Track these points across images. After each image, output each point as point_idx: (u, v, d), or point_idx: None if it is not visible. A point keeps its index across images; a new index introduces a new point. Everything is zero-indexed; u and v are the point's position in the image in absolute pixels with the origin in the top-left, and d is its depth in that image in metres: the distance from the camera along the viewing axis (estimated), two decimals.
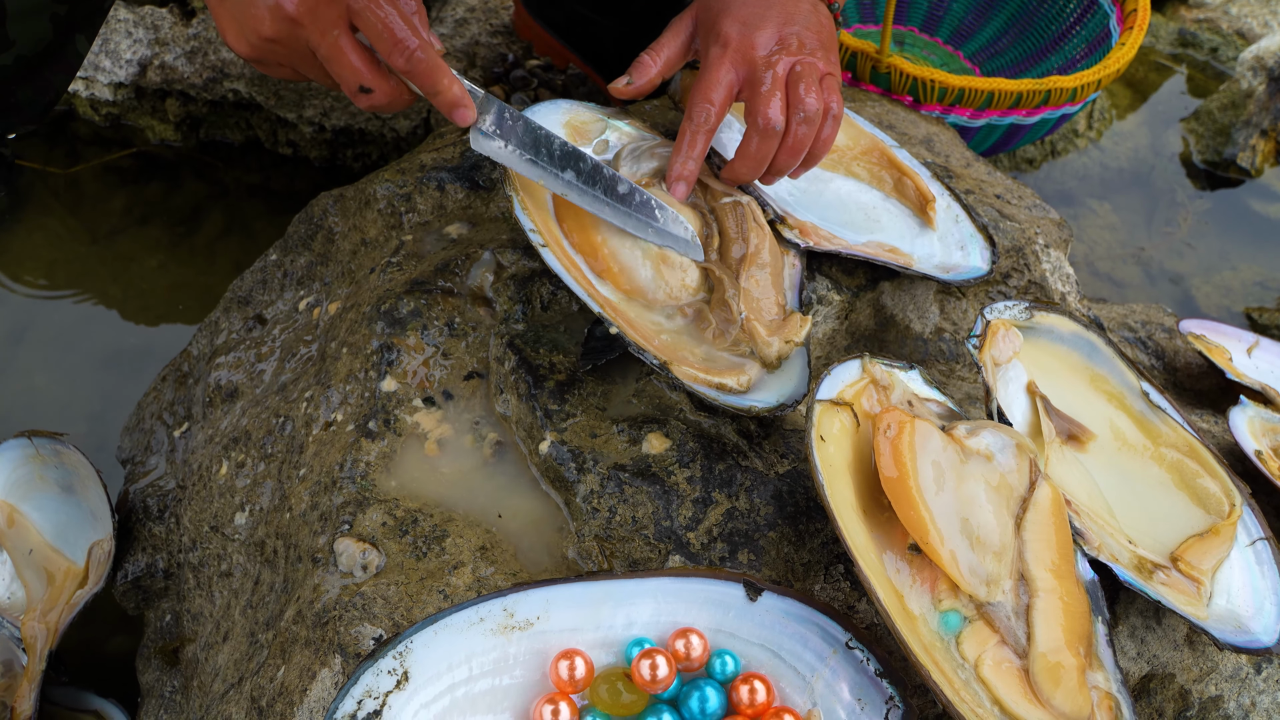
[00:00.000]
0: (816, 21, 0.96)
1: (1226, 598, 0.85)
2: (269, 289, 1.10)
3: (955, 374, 1.01)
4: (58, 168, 1.53)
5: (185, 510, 0.98)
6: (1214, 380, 1.17)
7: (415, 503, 0.84)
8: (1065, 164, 1.76)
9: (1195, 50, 1.96)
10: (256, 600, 0.89)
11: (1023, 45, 1.68)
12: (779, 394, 0.86)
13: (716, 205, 0.95)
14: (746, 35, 0.92)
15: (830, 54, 0.95)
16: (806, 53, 0.93)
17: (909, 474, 0.78)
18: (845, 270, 1.01)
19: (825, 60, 0.94)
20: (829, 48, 0.96)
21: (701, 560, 0.81)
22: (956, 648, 0.75)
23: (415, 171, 1.06)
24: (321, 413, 0.91)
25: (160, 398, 1.11)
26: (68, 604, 1.00)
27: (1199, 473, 0.91)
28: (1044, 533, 0.80)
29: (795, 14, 0.94)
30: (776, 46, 0.92)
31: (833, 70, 0.94)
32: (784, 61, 0.91)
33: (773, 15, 0.94)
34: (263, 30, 0.78)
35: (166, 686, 0.98)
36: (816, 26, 0.95)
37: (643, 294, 0.89)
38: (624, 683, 0.73)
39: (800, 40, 0.93)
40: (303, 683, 0.76)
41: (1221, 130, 1.78)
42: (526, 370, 0.88)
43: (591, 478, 0.83)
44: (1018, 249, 1.08)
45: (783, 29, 0.93)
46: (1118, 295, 1.60)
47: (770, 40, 0.92)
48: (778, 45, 0.92)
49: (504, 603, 0.74)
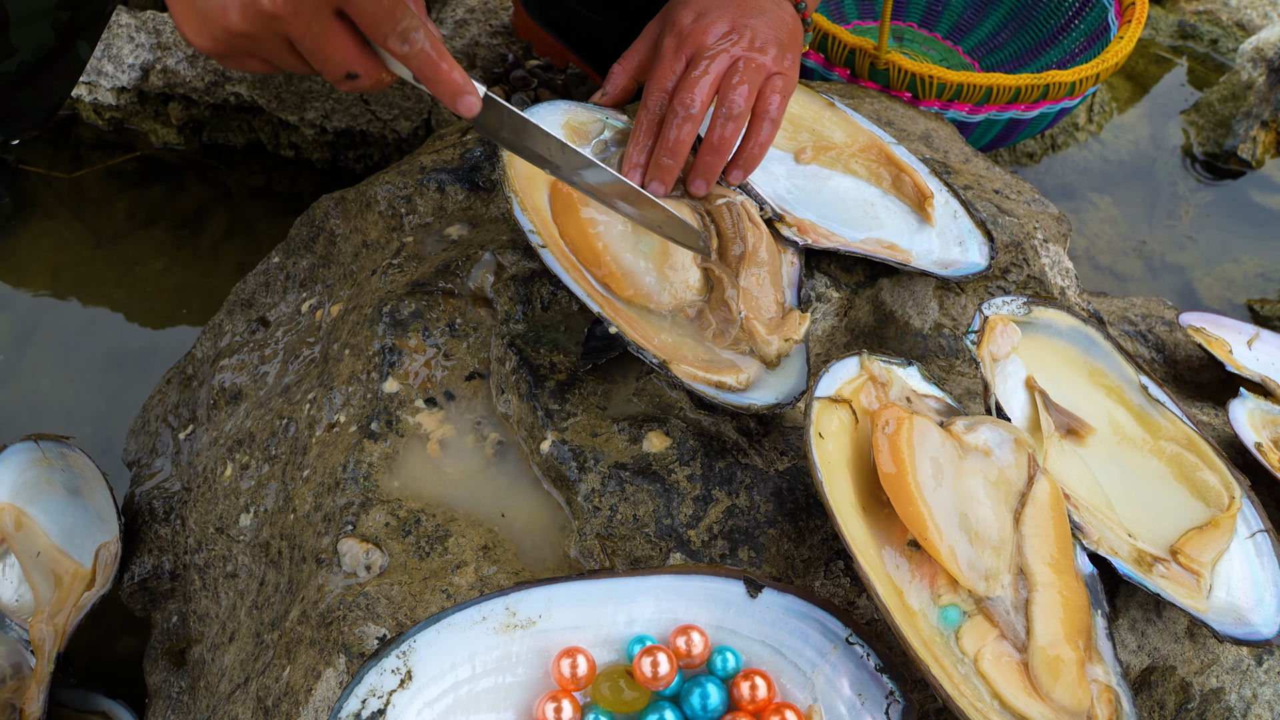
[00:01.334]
0: (777, 18, 0.95)
1: (1226, 590, 0.86)
2: (271, 291, 1.11)
3: (955, 369, 1.01)
4: (62, 172, 1.54)
5: (191, 512, 0.99)
6: (1214, 373, 1.17)
7: (418, 503, 0.85)
8: (1065, 157, 1.76)
9: (1195, 42, 1.96)
10: (262, 601, 0.90)
11: (1021, 39, 1.68)
12: (778, 392, 0.86)
13: (711, 207, 0.95)
14: (699, 24, 0.92)
15: (785, 52, 0.94)
16: (756, 47, 0.92)
17: (907, 470, 0.78)
18: (844, 267, 1.02)
19: (776, 58, 0.93)
20: (785, 45, 0.94)
21: (702, 557, 0.82)
22: (956, 642, 0.76)
23: (415, 173, 1.06)
24: (324, 414, 0.92)
25: (165, 400, 1.12)
26: (75, 606, 1.01)
27: (1198, 465, 0.91)
28: (1043, 527, 0.80)
29: (753, 7, 0.94)
30: (726, 35, 0.92)
31: (783, 70, 0.93)
32: (726, 53, 0.91)
33: (730, 7, 0.93)
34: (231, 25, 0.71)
35: (174, 687, 0.98)
36: (775, 23, 0.94)
37: (643, 294, 0.90)
38: (626, 680, 0.73)
39: (754, 33, 0.92)
40: (308, 682, 0.77)
41: (1222, 122, 1.78)
42: (527, 370, 0.89)
43: (593, 476, 0.84)
44: (1017, 244, 1.08)
45: (737, 20, 0.93)
46: (1119, 288, 1.60)
47: (721, 29, 0.92)
48: (727, 34, 0.92)
49: (506, 601, 0.75)
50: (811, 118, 1.10)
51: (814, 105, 1.11)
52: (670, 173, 0.92)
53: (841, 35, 1.36)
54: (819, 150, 1.07)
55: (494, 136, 0.83)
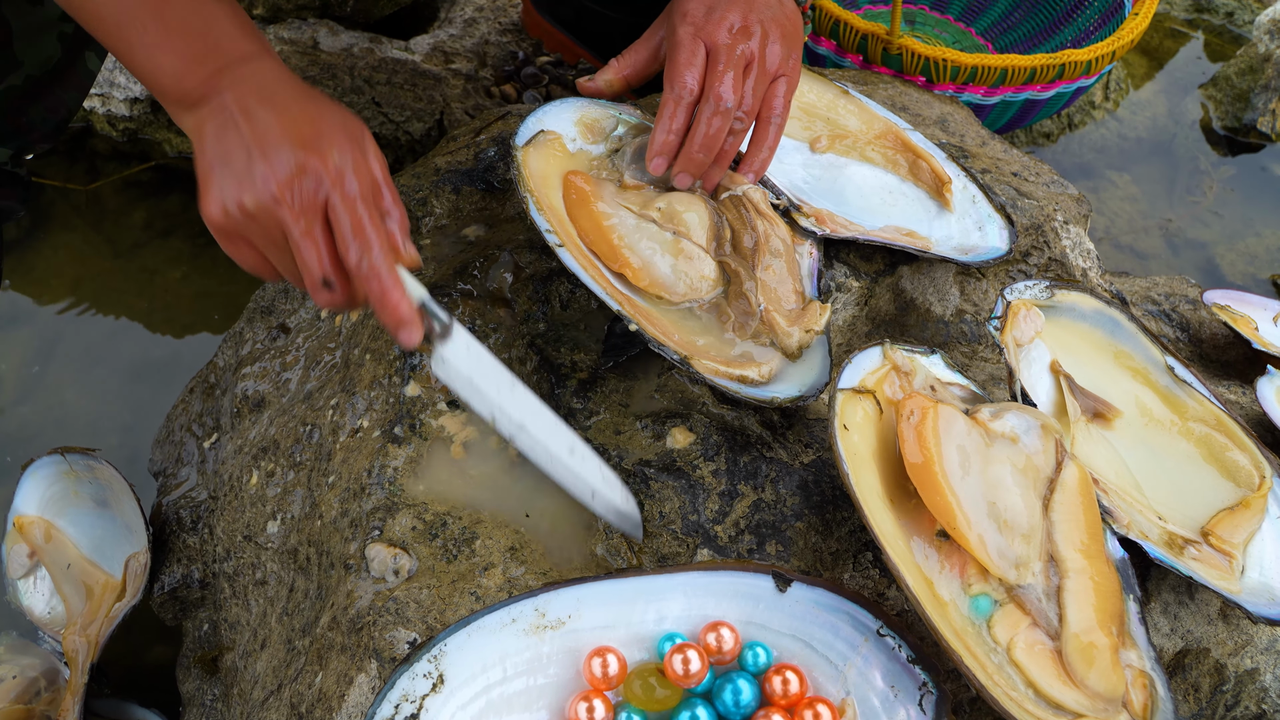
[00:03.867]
0: (782, 13, 0.95)
1: (1259, 570, 0.85)
2: (291, 298, 1.11)
3: (978, 355, 1.01)
4: (78, 184, 1.54)
5: (218, 521, 1.00)
6: (1240, 350, 1.16)
7: (444, 506, 0.85)
8: (1083, 136, 1.75)
9: (1211, 15, 1.94)
10: (292, 608, 0.90)
11: (1035, 19, 1.67)
12: (800, 384, 0.86)
13: (719, 202, 0.95)
14: (711, 15, 0.92)
15: (791, 51, 0.95)
16: (767, 49, 0.92)
17: (934, 459, 0.78)
18: (863, 256, 1.01)
19: (783, 59, 0.94)
20: (791, 42, 0.95)
21: (729, 553, 0.82)
22: (988, 632, 0.75)
23: (430, 175, 1.06)
24: (348, 419, 0.92)
25: (189, 410, 1.13)
26: (107, 616, 1.02)
27: (1227, 445, 0.90)
28: (1072, 513, 0.80)
29: (760, 1, 0.94)
30: (740, 30, 0.92)
31: (788, 72, 0.94)
32: (741, 54, 0.91)
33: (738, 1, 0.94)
34: (244, 199, 0.74)
35: (207, 695, 0.99)
36: (781, 18, 0.95)
37: (661, 289, 0.90)
38: (657, 678, 0.73)
39: (764, 29, 0.93)
40: (340, 688, 0.77)
41: (1240, 95, 1.76)
42: (549, 370, 0.88)
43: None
44: (1037, 226, 1.07)
45: (747, 14, 0.93)
46: (1141, 267, 1.59)
47: (735, 23, 0.92)
48: (741, 29, 0.92)
49: (535, 603, 0.75)
50: (826, 106, 1.09)
51: (828, 94, 1.10)
52: (701, 167, 0.92)
53: (854, 21, 1.36)
54: (834, 139, 1.06)
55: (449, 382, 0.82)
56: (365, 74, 1.48)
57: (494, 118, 1.14)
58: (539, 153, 0.94)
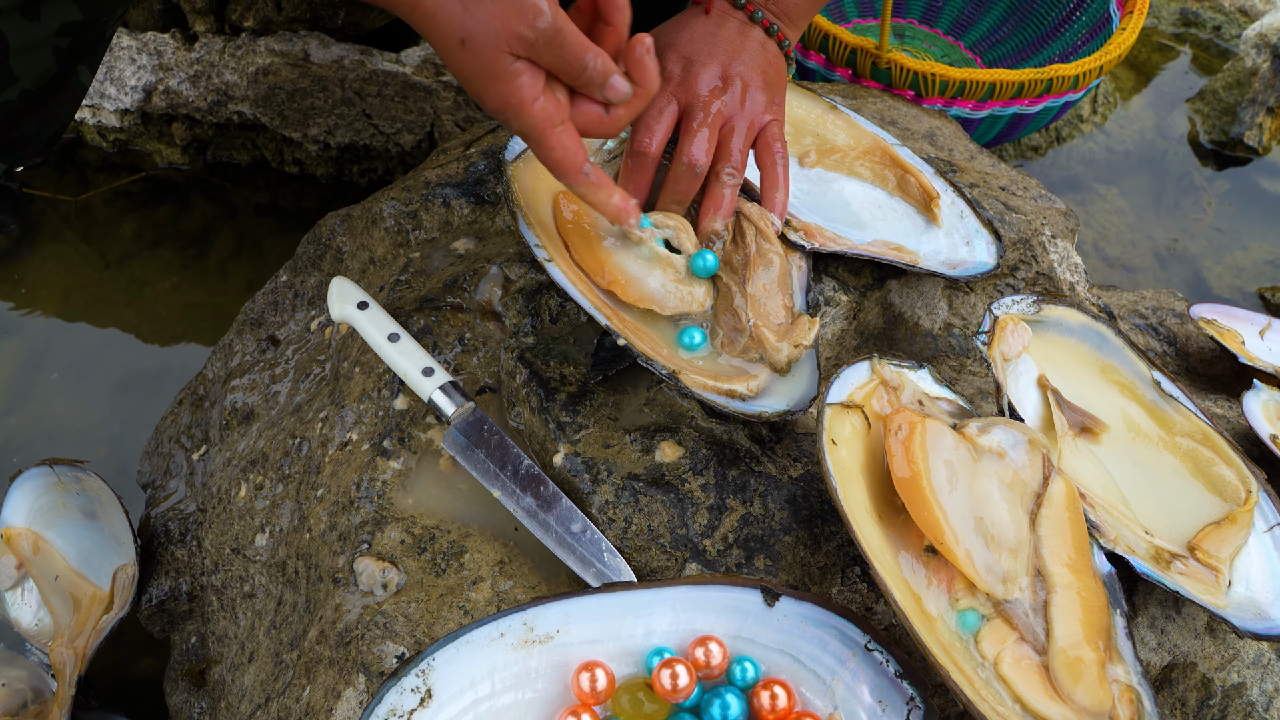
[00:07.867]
0: (764, 59, 0.95)
1: (1245, 585, 0.85)
2: (280, 310, 1.11)
3: (966, 369, 1.01)
4: (68, 195, 1.54)
5: (206, 533, 0.99)
6: (1227, 364, 1.16)
7: (432, 519, 0.85)
8: (1071, 150, 1.76)
9: (1198, 29, 1.96)
10: (280, 621, 0.90)
11: (1023, 33, 1.68)
12: (788, 399, 0.86)
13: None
14: (689, 71, 0.93)
15: (775, 95, 0.95)
16: (748, 100, 0.93)
17: (921, 474, 0.78)
18: (852, 270, 1.02)
19: (768, 103, 0.94)
20: (774, 87, 0.95)
21: (718, 567, 0.82)
22: (975, 646, 0.75)
23: (420, 189, 1.07)
24: (337, 433, 0.92)
25: (178, 421, 1.12)
26: (94, 629, 1.02)
27: (1214, 460, 0.91)
28: (1059, 527, 0.80)
29: (741, 51, 0.94)
30: (718, 84, 0.92)
31: (776, 115, 0.95)
32: (720, 111, 0.92)
33: (718, 52, 0.94)
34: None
35: (194, 708, 0.99)
36: (763, 65, 0.95)
37: (651, 304, 0.90)
38: (645, 693, 0.73)
39: (744, 80, 0.93)
40: (328, 702, 0.77)
41: (1228, 109, 1.77)
42: (538, 383, 0.89)
43: (606, 488, 0.84)
44: (1024, 241, 1.08)
45: (727, 67, 0.93)
46: (1129, 280, 1.60)
47: (712, 78, 0.92)
48: (719, 83, 0.92)
49: (524, 617, 0.75)
50: (815, 121, 1.10)
51: (817, 109, 1.11)
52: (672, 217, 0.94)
53: (843, 36, 1.36)
54: (823, 154, 1.06)
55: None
56: (356, 86, 1.48)
57: (484, 131, 1.14)
58: (529, 167, 0.95)
